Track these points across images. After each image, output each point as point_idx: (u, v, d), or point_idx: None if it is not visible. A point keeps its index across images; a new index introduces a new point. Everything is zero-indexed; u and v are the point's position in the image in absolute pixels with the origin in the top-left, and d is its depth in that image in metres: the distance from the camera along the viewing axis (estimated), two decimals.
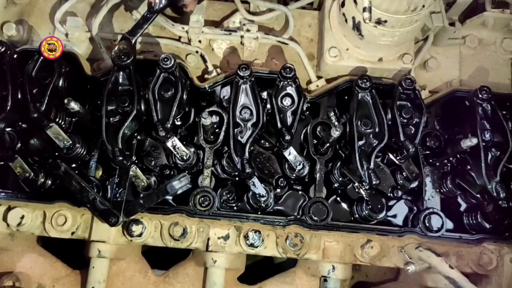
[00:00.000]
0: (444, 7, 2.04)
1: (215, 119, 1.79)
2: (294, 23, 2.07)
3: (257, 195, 1.69)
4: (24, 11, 2.15)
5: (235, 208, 1.82)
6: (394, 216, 1.83)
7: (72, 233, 1.81)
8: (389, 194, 1.83)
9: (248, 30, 2.02)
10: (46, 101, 1.68)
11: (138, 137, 1.84)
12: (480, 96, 1.75)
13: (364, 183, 1.67)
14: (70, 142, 1.70)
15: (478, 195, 1.75)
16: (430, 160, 1.87)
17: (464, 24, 2.12)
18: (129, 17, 2.07)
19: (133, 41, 1.77)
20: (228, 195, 1.82)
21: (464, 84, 2.12)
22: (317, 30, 2.14)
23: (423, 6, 1.57)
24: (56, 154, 1.76)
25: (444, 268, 1.55)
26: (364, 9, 1.45)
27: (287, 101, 1.76)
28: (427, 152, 1.88)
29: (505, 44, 2.18)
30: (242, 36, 2.03)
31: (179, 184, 1.70)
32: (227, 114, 1.76)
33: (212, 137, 1.82)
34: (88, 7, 2.12)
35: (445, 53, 2.17)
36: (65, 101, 1.62)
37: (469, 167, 1.76)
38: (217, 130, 1.82)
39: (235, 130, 1.71)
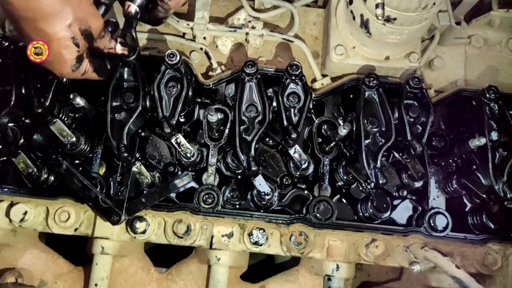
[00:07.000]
0: (450, 6, 2.03)
1: (220, 116, 1.78)
2: (298, 20, 2.05)
3: (262, 193, 1.68)
4: None
5: (238, 206, 1.81)
6: (399, 215, 1.82)
7: (75, 230, 1.79)
8: (394, 194, 1.82)
9: (253, 27, 2.01)
10: (50, 97, 1.66)
11: (142, 133, 1.83)
12: (487, 95, 1.74)
13: (370, 182, 1.66)
14: (74, 138, 1.68)
15: (484, 195, 1.75)
16: (435, 160, 1.86)
17: (470, 23, 2.11)
18: None
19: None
20: (232, 193, 1.81)
21: (469, 84, 2.11)
22: (321, 28, 2.12)
23: (434, 4, 1.55)
24: (60, 150, 1.75)
25: (450, 268, 1.54)
26: (377, 6, 1.42)
27: (293, 99, 1.74)
28: (432, 151, 1.87)
29: (510, 44, 2.17)
30: (247, 33, 2.02)
31: (182, 183, 1.68)
32: (233, 112, 1.75)
33: (216, 134, 1.80)
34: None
35: (451, 53, 2.17)
36: (71, 96, 1.61)
37: (474, 167, 1.75)
38: (221, 128, 1.81)
39: (241, 127, 1.70)
